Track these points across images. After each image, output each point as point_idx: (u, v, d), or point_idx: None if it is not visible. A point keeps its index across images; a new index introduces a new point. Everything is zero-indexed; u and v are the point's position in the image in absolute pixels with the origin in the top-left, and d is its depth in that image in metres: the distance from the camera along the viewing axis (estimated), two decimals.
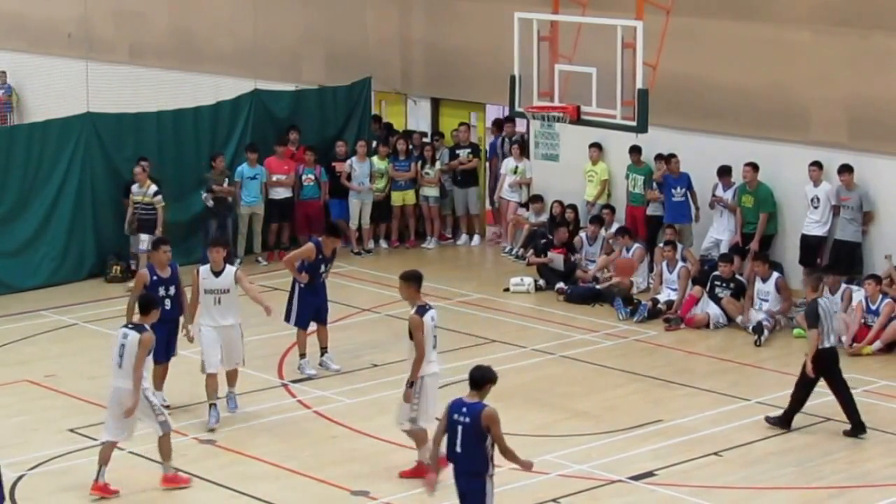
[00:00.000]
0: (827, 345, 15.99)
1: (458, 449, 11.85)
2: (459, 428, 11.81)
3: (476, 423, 11.73)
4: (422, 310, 14.33)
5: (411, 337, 14.35)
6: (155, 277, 16.24)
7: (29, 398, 17.50)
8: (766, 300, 20.01)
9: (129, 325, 14.55)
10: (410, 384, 14.34)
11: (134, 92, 27.12)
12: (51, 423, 16.49)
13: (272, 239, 24.31)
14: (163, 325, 15.64)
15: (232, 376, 16.62)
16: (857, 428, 16.05)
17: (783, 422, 16.20)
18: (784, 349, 19.32)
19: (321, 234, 18.42)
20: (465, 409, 11.83)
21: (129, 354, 14.25)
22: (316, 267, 17.88)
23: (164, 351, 16.20)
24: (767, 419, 16.29)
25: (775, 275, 20.10)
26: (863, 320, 19.17)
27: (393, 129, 26.36)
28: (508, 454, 11.93)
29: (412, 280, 14.56)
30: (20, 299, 21.72)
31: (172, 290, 16.36)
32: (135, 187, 22.29)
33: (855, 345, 18.97)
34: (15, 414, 16.92)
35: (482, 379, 11.94)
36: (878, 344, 18.95)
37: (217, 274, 16.27)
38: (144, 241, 21.98)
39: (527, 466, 12.22)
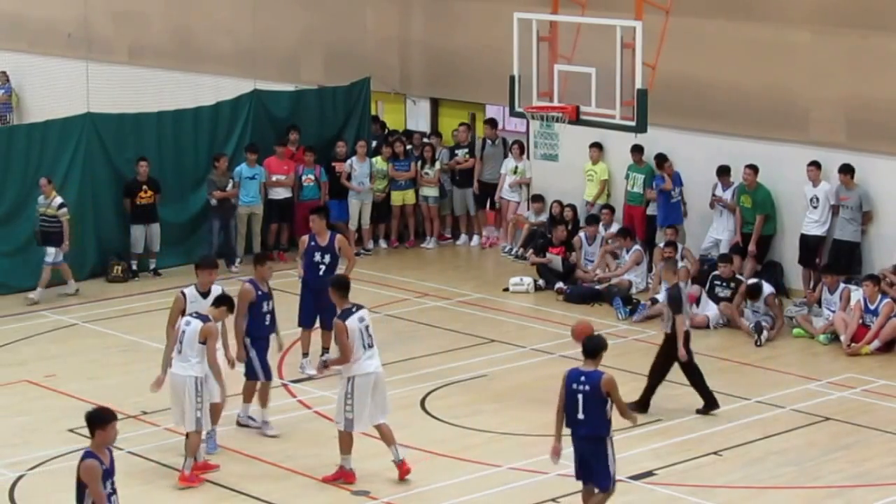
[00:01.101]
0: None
1: (581, 416, 12.73)
2: (580, 396, 12.70)
3: (597, 390, 12.65)
4: (346, 314, 14.41)
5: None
6: (260, 292, 15.92)
7: (29, 398, 17.52)
8: (758, 312, 19.99)
9: (195, 314, 14.68)
10: (324, 363, 14.90)
11: (134, 92, 27.13)
12: (50, 424, 16.50)
13: (272, 239, 24.31)
14: (263, 341, 15.77)
15: (216, 411, 15.52)
16: (709, 405, 16.57)
17: (641, 405, 16.52)
18: (783, 349, 19.34)
19: (310, 211, 18.51)
20: (583, 378, 12.73)
21: (189, 342, 14.41)
22: (310, 255, 17.78)
23: (263, 369, 15.97)
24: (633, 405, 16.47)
25: (766, 291, 20.00)
26: (861, 320, 19.17)
27: (387, 128, 26.33)
28: (627, 414, 13.08)
29: (336, 286, 14.71)
30: (21, 299, 21.71)
31: (272, 305, 16.10)
32: (41, 199, 21.77)
33: (853, 345, 18.98)
34: (15, 414, 16.94)
35: (597, 348, 12.89)
36: (876, 343, 18.95)
37: (204, 296, 15.67)
38: (51, 253, 21.65)
39: (634, 420, 13.33)
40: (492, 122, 25.09)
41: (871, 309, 19.12)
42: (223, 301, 14.97)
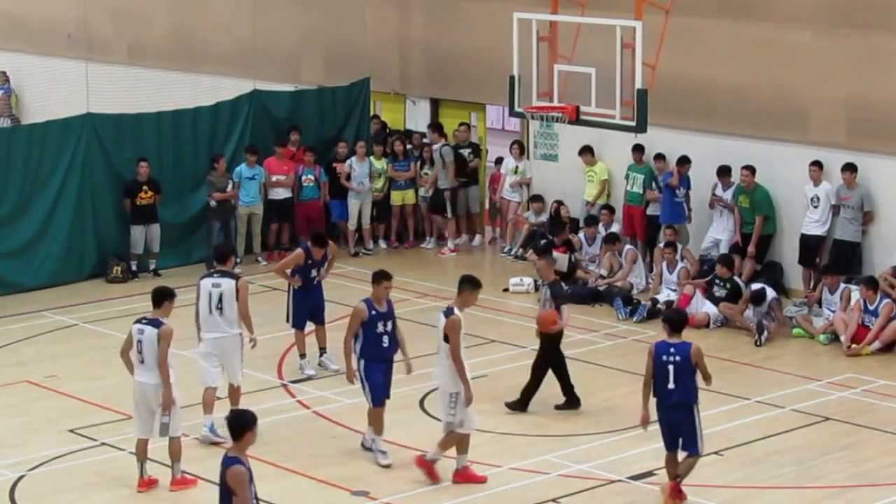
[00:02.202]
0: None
1: (672, 385, 13.62)
2: (671, 367, 13.62)
3: (687, 360, 13.57)
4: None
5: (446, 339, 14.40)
6: (374, 312, 15.18)
7: (29, 399, 17.51)
8: (760, 312, 19.93)
9: (144, 320, 14.42)
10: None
11: (133, 92, 27.11)
12: (51, 424, 16.50)
13: (272, 239, 24.29)
14: (381, 364, 15.15)
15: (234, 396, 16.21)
16: (571, 402, 16.73)
17: (522, 404, 16.60)
18: (783, 349, 19.33)
19: (312, 241, 18.32)
20: (673, 350, 13.69)
21: (150, 350, 14.22)
22: (307, 271, 17.89)
23: (374, 394, 15.18)
24: (507, 404, 16.72)
25: (769, 298, 19.98)
26: (860, 321, 19.14)
27: (387, 127, 26.28)
28: (710, 380, 13.85)
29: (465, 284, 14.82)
30: (21, 300, 21.72)
31: (390, 326, 15.28)
32: None
33: (854, 346, 18.96)
34: (15, 414, 16.93)
35: (682, 322, 14.10)
36: (876, 344, 18.94)
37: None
38: None
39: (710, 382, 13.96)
40: (434, 128, 24.99)
41: (871, 310, 19.10)
42: (162, 297, 14.54)
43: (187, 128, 24.16)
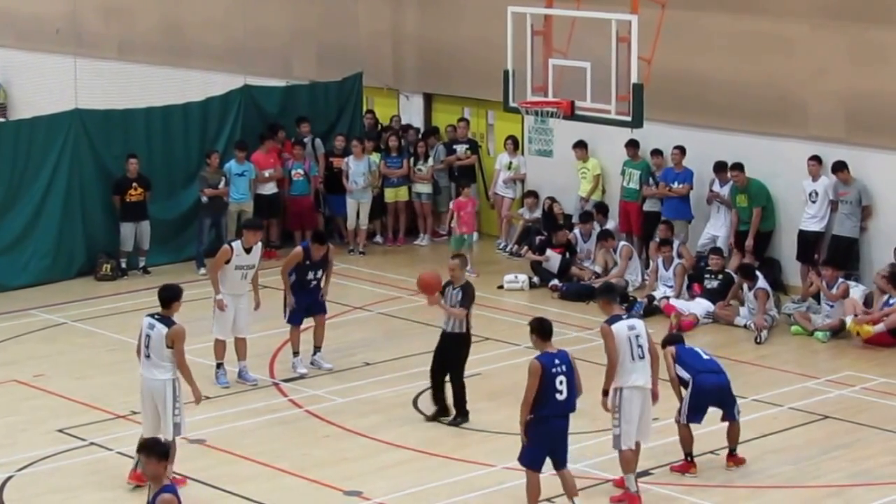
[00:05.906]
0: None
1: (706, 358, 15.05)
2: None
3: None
4: (614, 319, 14.18)
5: None
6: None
7: (17, 398, 17.38)
8: (754, 310, 19.82)
9: (156, 316, 14.26)
10: (604, 392, 14.18)
11: (123, 88, 26.95)
12: (39, 424, 16.36)
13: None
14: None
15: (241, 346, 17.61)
16: (461, 416, 16.26)
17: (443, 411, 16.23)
18: (782, 346, 19.22)
19: (312, 238, 18.26)
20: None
21: (157, 346, 14.08)
22: (304, 272, 17.67)
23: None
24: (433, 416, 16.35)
25: (758, 285, 19.81)
26: (855, 314, 19.03)
27: (380, 124, 26.09)
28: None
29: (604, 294, 14.70)
30: (9, 298, 21.54)
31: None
32: None
33: (860, 323, 18.75)
34: (3, 414, 16.80)
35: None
36: (881, 326, 18.69)
37: (248, 251, 17.41)
38: None
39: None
40: (301, 119, 24.80)
41: (892, 304, 18.91)
42: (172, 297, 14.36)
43: (177, 124, 23.96)
